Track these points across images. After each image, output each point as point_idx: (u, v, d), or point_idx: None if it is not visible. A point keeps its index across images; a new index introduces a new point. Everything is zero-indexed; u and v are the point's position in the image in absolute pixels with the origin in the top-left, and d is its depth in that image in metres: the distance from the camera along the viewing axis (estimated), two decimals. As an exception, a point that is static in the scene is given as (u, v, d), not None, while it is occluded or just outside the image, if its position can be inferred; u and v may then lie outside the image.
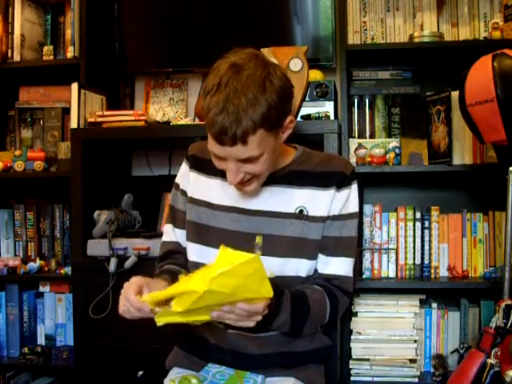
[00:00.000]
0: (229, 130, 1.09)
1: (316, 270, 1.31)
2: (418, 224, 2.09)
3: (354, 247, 1.34)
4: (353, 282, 1.34)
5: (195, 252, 1.32)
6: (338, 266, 1.30)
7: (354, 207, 1.31)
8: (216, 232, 1.29)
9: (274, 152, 1.20)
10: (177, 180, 1.42)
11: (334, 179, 1.28)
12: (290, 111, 1.20)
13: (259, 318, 1.10)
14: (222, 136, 1.10)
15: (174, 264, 1.36)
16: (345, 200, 1.29)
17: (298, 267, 1.27)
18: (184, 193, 1.38)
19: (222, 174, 1.30)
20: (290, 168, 1.30)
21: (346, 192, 1.29)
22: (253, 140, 1.11)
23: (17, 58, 2.28)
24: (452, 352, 2.04)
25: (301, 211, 1.27)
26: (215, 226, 1.30)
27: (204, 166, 1.35)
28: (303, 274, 1.28)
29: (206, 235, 1.31)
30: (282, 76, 1.16)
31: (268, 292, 1.05)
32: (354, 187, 1.31)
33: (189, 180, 1.38)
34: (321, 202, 1.28)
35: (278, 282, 1.22)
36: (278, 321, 1.18)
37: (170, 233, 1.41)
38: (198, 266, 1.31)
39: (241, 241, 1.27)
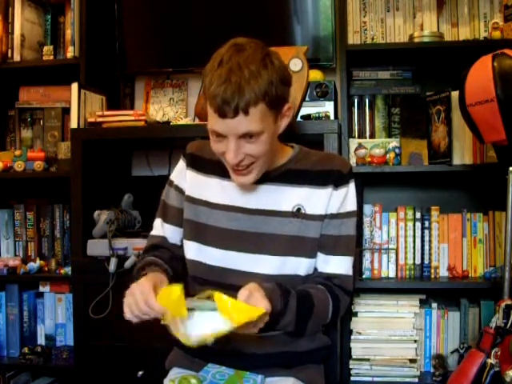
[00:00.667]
0: (231, 100, 1.10)
1: (316, 269, 1.31)
2: (418, 224, 2.09)
3: (353, 246, 1.34)
4: (353, 280, 1.34)
5: (193, 250, 1.32)
6: (338, 265, 1.30)
7: (352, 206, 1.31)
8: (214, 231, 1.30)
9: (273, 138, 1.21)
10: (172, 177, 1.42)
11: (332, 177, 1.28)
12: (288, 99, 1.21)
13: (261, 325, 1.11)
14: (225, 107, 1.11)
15: (157, 257, 1.35)
16: (343, 198, 1.29)
17: (297, 266, 1.27)
18: (178, 189, 1.38)
19: (220, 173, 1.31)
20: (287, 166, 1.30)
21: (344, 190, 1.29)
22: (254, 112, 1.12)
23: (17, 58, 2.28)
24: (452, 352, 2.04)
25: (298, 209, 1.27)
26: (213, 225, 1.30)
27: (202, 164, 1.36)
28: (302, 272, 1.28)
29: (204, 234, 1.31)
30: (281, 61, 1.19)
31: (260, 310, 1.08)
32: (352, 185, 1.32)
33: (186, 178, 1.37)
34: (318, 200, 1.28)
35: (278, 281, 1.23)
36: (283, 321, 1.19)
37: (159, 227, 1.41)
38: (195, 263, 1.32)
39: (239, 240, 1.27)
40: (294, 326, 1.22)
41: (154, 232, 1.43)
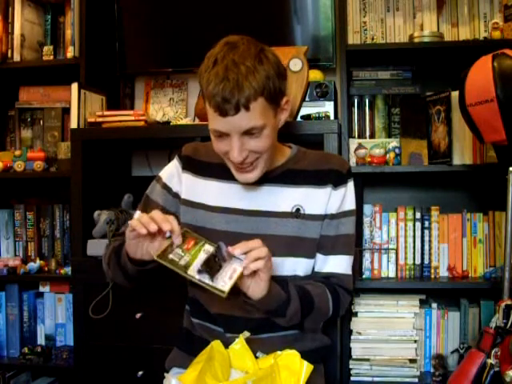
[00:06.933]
0: (231, 97, 1.10)
1: (313, 269, 1.31)
2: (418, 224, 2.09)
3: (352, 245, 1.34)
4: (352, 279, 1.34)
5: None
6: (336, 264, 1.30)
7: (350, 205, 1.32)
8: (212, 233, 1.28)
9: (275, 132, 1.21)
10: (161, 174, 1.39)
11: (331, 177, 1.29)
12: (285, 92, 1.22)
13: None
14: (225, 104, 1.11)
15: None
16: (341, 198, 1.29)
17: (296, 266, 1.27)
18: (166, 187, 1.36)
19: (217, 175, 1.31)
20: (286, 167, 1.31)
21: (343, 190, 1.30)
22: (255, 107, 1.12)
23: (17, 58, 2.28)
24: (452, 352, 2.04)
25: (297, 210, 1.27)
26: (211, 228, 1.29)
27: (199, 167, 1.35)
28: (301, 273, 1.28)
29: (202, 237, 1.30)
30: (275, 55, 1.19)
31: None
32: (351, 185, 1.32)
33: (181, 181, 1.36)
34: (317, 200, 1.28)
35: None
36: (290, 309, 1.19)
37: None
38: None
39: (237, 242, 1.26)
40: (299, 317, 1.22)
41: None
